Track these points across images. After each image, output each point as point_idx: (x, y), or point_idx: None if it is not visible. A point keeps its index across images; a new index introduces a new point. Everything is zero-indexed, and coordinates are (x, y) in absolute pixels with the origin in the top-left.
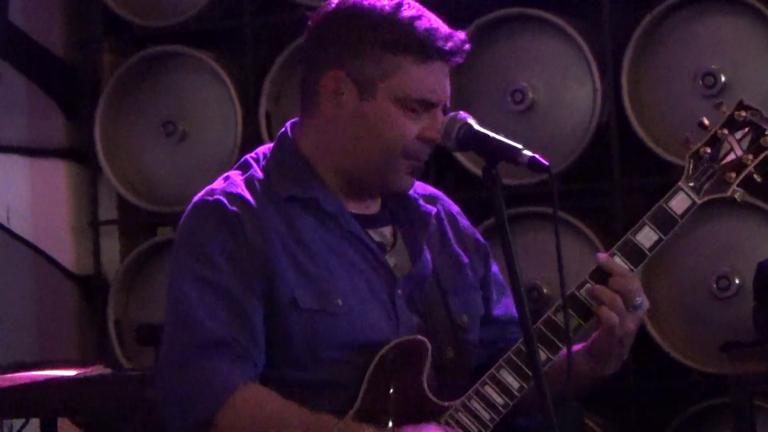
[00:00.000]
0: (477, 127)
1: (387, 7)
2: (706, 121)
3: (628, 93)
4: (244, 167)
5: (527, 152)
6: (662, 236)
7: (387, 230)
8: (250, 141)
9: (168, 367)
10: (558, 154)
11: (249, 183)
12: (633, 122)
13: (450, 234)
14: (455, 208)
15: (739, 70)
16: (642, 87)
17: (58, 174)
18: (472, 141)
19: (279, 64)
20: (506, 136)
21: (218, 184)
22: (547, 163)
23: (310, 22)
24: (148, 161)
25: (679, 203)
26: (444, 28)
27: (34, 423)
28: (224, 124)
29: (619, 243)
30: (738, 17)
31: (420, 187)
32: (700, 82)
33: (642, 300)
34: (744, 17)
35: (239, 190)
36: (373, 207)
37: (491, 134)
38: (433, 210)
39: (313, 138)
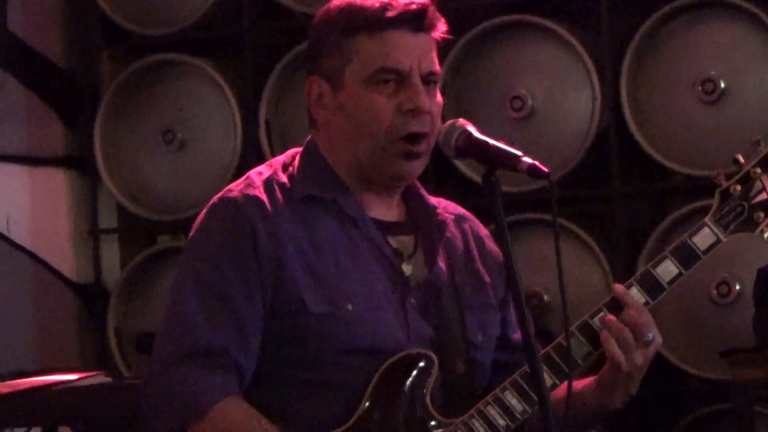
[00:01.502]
0: (476, 134)
1: (342, 2)
2: (741, 159)
3: (627, 99)
4: (268, 167)
5: (527, 159)
6: (683, 271)
7: (408, 239)
8: (250, 149)
9: (155, 365)
10: (557, 161)
11: (268, 184)
12: (632, 128)
13: (475, 253)
14: (484, 231)
15: (738, 76)
16: (641, 93)
17: (57, 183)
18: (471, 148)
19: (278, 71)
20: (505, 143)
21: (237, 184)
22: (546, 170)
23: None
24: (148, 169)
25: (703, 239)
26: (402, 1)
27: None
28: (223, 132)
29: (638, 274)
30: (737, 23)
31: (452, 207)
32: (699, 88)
33: (653, 335)
34: (743, 23)
35: (256, 192)
36: (396, 214)
37: (490, 141)
38: (451, 219)
39: (324, 145)
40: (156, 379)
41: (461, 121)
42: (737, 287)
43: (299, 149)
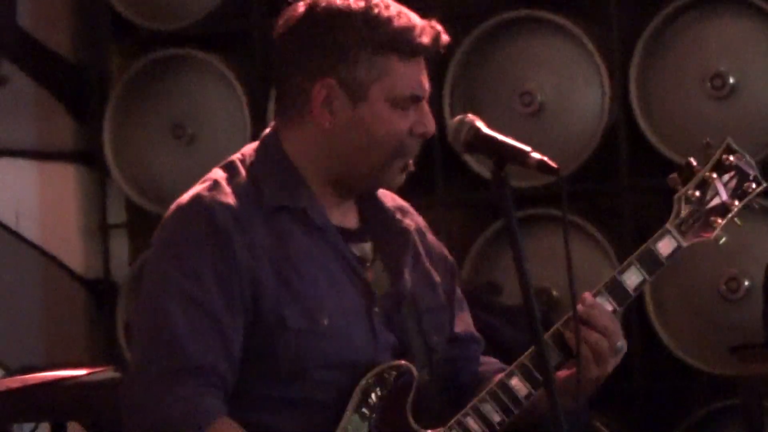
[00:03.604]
0: (485, 129)
1: (363, 7)
2: (694, 162)
3: (637, 95)
4: (230, 170)
5: (536, 154)
6: (647, 277)
7: (366, 246)
8: None
9: (141, 384)
10: (567, 156)
11: (237, 190)
12: (641, 124)
13: (420, 248)
14: (422, 222)
15: (747, 71)
16: (650, 89)
17: (66, 177)
18: (480, 143)
19: None
20: (515, 139)
21: (205, 189)
22: (555, 166)
23: (279, 27)
24: (157, 164)
25: (665, 246)
26: (419, 21)
27: (44, 427)
28: (233, 127)
29: (606, 282)
30: (746, 19)
31: (389, 198)
32: (709, 83)
33: (621, 343)
34: (752, 19)
35: (229, 200)
36: (353, 220)
37: (500, 137)
38: (412, 226)
39: (300, 144)
40: (145, 395)
41: (470, 116)
42: (746, 283)
43: (253, 145)
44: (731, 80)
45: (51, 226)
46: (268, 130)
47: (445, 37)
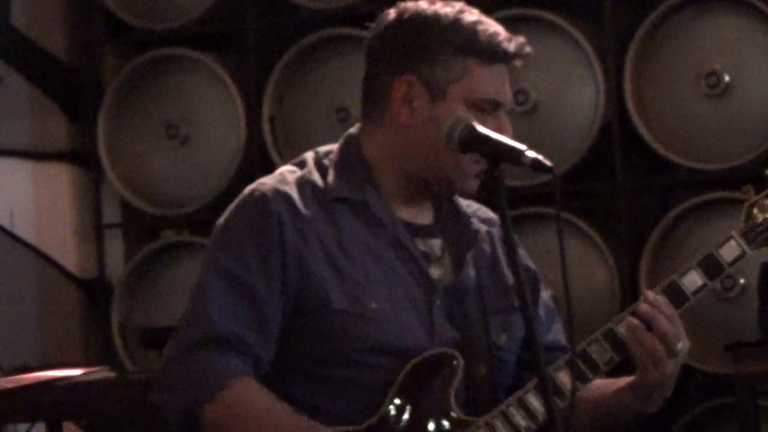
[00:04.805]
0: (479, 128)
1: (450, 13)
2: None
3: (631, 93)
4: (301, 165)
5: (530, 153)
6: (708, 282)
7: (436, 242)
8: (253, 144)
9: (171, 352)
10: (561, 155)
11: (300, 182)
12: (636, 122)
13: (501, 255)
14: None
15: (742, 69)
16: (645, 87)
17: (61, 177)
18: (474, 142)
19: (282, 66)
20: (509, 137)
21: (270, 177)
22: (550, 164)
23: (371, 31)
24: (151, 164)
25: (729, 251)
26: (504, 31)
27: (39, 427)
28: (227, 127)
29: (663, 283)
30: (741, 17)
31: (480, 210)
32: (703, 81)
33: (682, 345)
34: (747, 17)
35: (287, 189)
36: (426, 218)
37: (494, 135)
38: (483, 228)
39: (379, 141)
40: (172, 364)
41: (464, 115)
42: (741, 281)
43: (333, 146)
44: (726, 79)
45: (45, 226)
46: (352, 130)
47: (528, 49)
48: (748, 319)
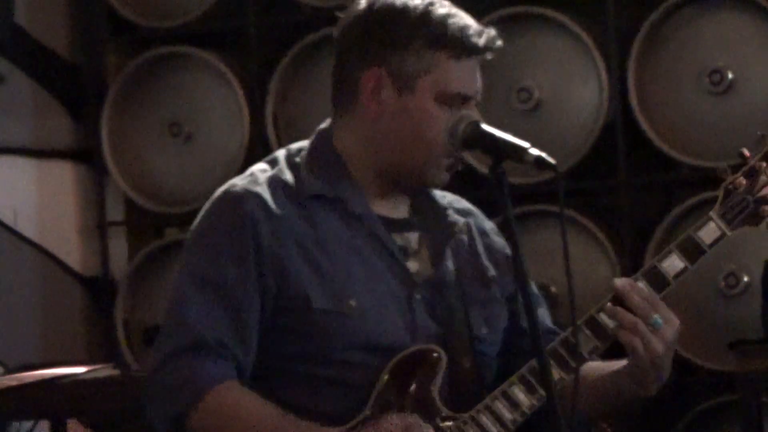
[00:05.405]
0: (483, 125)
1: (420, 6)
2: (746, 152)
3: (635, 91)
4: (272, 163)
5: (534, 151)
6: (689, 265)
7: (413, 236)
8: (257, 141)
9: (154, 361)
10: (564, 153)
11: (271, 181)
12: (639, 120)
13: (480, 248)
14: (489, 225)
15: (745, 67)
16: (648, 84)
17: (64, 176)
18: (478, 140)
19: (285, 64)
20: (513, 135)
21: (241, 179)
22: (553, 162)
23: (340, 22)
24: (155, 162)
25: (708, 233)
26: (475, 24)
27: (43, 425)
28: (230, 125)
29: (643, 268)
30: (744, 14)
31: (456, 202)
32: (707, 79)
33: (657, 318)
34: (750, 14)
35: (259, 189)
36: (402, 211)
37: (497, 133)
38: (461, 221)
39: (350, 134)
40: (154, 374)
41: (468, 112)
42: (745, 278)
43: (305, 142)
44: (729, 76)
45: (49, 224)
46: (323, 125)
47: (499, 42)
48: (752, 316)
